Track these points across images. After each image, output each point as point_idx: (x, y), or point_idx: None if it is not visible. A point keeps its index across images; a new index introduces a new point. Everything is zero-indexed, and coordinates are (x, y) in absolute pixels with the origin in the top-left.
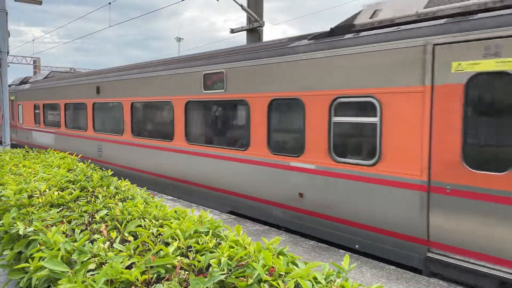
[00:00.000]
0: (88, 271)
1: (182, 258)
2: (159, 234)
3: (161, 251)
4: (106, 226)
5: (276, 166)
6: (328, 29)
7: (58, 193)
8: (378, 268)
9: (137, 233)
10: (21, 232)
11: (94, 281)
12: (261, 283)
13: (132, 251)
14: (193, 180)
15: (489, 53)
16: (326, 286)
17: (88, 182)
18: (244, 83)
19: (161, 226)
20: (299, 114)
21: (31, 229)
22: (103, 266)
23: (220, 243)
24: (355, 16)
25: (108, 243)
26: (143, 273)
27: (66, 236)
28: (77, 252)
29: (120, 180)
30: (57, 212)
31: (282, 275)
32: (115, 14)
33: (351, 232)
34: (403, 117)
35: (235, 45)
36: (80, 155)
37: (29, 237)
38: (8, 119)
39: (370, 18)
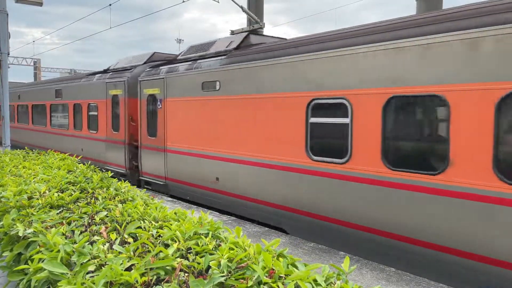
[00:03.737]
0: (87, 273)
1: (181, 260)
2: (159, 236)
3: (160, 253)
4: (106, 227)
5: None
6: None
7: (58, 195)
8: (378, 270)
9: (137, 234)
10: (20, 234)
11: (94, 283)
12: (261, 285)
13: (131, 253)
14: None
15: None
16: None
17: (88, 183)
18: None
19: (161, 228)
20: None
21: (31, 230)
22: (102, 267)
23: (220, 245)
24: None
25: (107, 244)
26: (142, 275)
27: (66, 238)
28: (76, 253)
29: (120, 182)
30: (57, 213)
31: (282, 277)
32: (115, 16)
33: None
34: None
35: None
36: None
37: (28, 238)
38: (8, 121)
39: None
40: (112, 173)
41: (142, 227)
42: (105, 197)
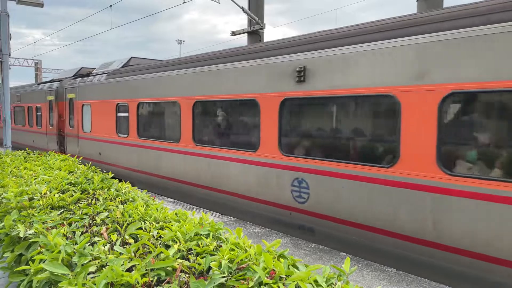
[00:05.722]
0: (88, 274)
1: (182, 260)
2: (160, 237)
3: (161, 254)
4: (107, 228)
5: None
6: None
7: (59, 196)
8: (379, 270)
9: (138, 235)
10: (21, 235)
11: (95, 284)
12: (262, 286)
13: (132, 254)
14: None
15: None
16: None
17: (89, 184)
18: None
19: (162, 229)
20: None
21: (32, 231)
22: (103, 268)
23: (220, 246)
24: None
25: (108, 245)
26: (143, 275)
27: (67, 239)
28: (77, 254)
29: (121, 183)
30: (58, 214)
31: (282, 278)
32: (116, 17)
33: None
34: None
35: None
36: None
37: (29, 239)
38: (9, 122)
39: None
40: None
41: (143, 228)
42: (106, 198)
